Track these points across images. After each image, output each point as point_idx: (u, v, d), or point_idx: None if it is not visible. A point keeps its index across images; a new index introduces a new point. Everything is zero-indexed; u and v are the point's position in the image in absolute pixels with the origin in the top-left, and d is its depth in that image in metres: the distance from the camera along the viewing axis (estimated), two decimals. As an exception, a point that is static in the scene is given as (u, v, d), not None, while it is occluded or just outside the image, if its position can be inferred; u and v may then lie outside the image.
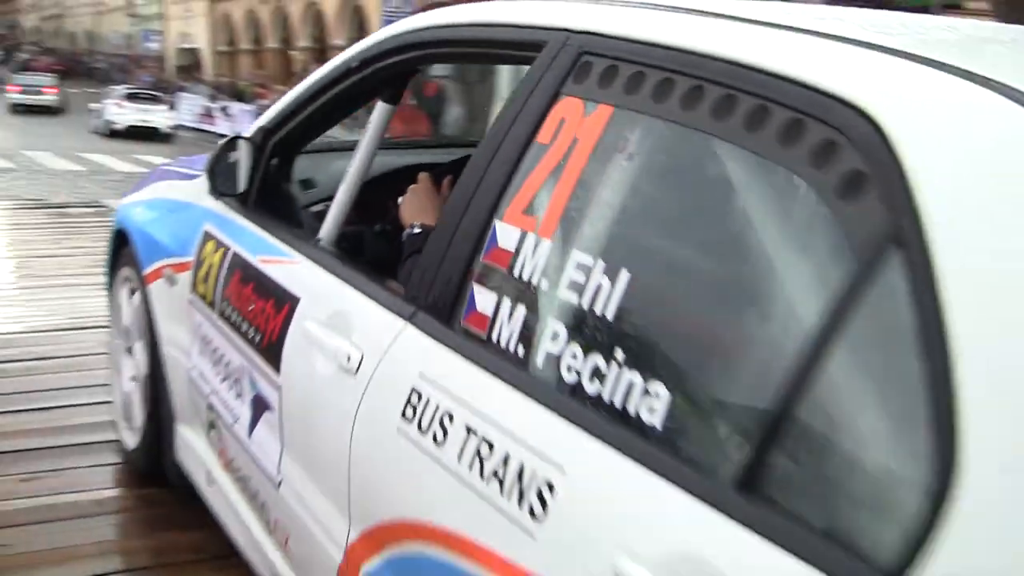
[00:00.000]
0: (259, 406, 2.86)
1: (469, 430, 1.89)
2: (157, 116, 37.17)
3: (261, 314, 2.84)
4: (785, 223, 1.56)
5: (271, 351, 2.74)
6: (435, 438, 1.96)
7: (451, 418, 1.94)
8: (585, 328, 1.77)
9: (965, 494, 1.17)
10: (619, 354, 1.68)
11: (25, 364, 5.35)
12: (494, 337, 1.96)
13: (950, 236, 1.30)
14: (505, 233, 2.02)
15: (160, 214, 3.94)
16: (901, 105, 1.46)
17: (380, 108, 3.08)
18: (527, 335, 1.89)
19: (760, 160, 1.59)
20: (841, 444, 1.37)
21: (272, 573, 2.82)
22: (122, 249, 4.19)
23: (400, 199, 3.00)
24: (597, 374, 1.71)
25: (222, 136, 3.64)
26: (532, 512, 1.69)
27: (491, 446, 1.82)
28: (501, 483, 1.77)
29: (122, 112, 36.59)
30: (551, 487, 1.67)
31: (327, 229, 3.00)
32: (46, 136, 33.20)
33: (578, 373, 1.75)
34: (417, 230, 2.49)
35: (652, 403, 1.60)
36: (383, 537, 2.15)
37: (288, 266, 2.84)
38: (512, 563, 1.72)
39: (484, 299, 2.02)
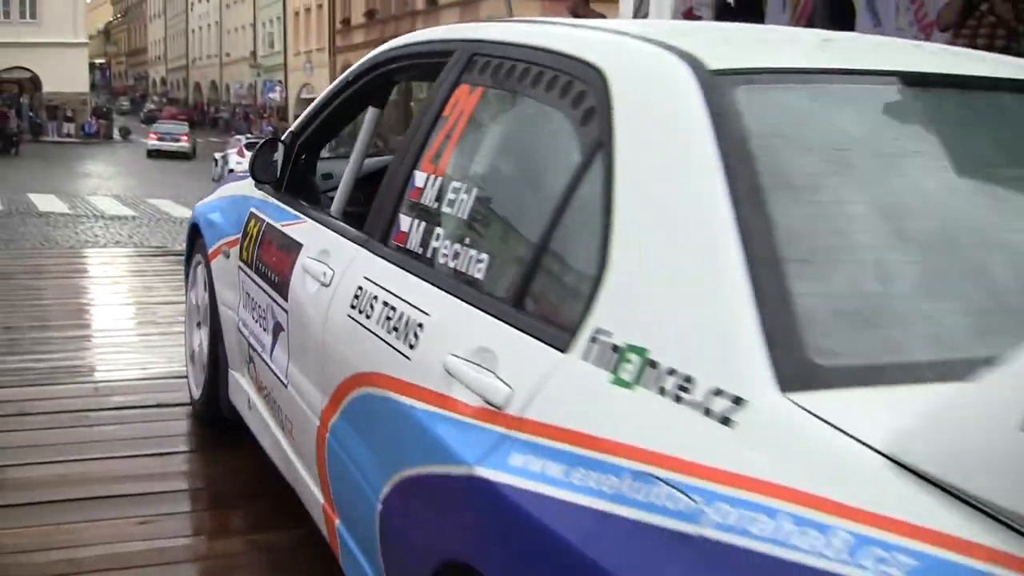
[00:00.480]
0: (276, 331, 3.84)
1: (385, 304, 2.86)
2: (276, 165, 38.00)
3: (279, 262, 3.86)
4: (560, 143, 2.53)
5: (282, 286, 3.74)
6: (367, 314, 2.94)
7: (376, 299, 2.93)
8: (451, 228, 2.79)
9: (610, 280, 2.09)
10: (466, 240, 2.70)
11: (144, 410, 5.49)
12: (406, 246, 2.99)
13: (624, 139, 2.24)
14: (419, 177, 3.05)
15: (220, 207, 5.04)
16: (616, 65, 2.43)
17: (371, 112, 4.27)
18: (423, 239, 2.91)
19: (552, 109, 2.60)
20: (562, 263, 2.37)
21: (284, 461, 3.79)
22: (196, 242, 5.29)
23: None
24: (455, 255, 2.71)
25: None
26: (411, 345, 2.65)
27: (394, 309, 2.80)
28: (397, 331, 2.74)
29: (243, 161, 37.37)
30: (421, 326, 2.64)
31: (336, 203, 4.15)
32: (169, 184, 34.06)
33: (445, 255, 2.76)
34: None
35: (479, 266, 2.59)
36: (340, 393, 3.09)
37: (300, 225, 3.87)
38: (399, 379, 2.66)
39: (405, 223, 3.05)
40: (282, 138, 4.45)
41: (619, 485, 1.81)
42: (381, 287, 2.95)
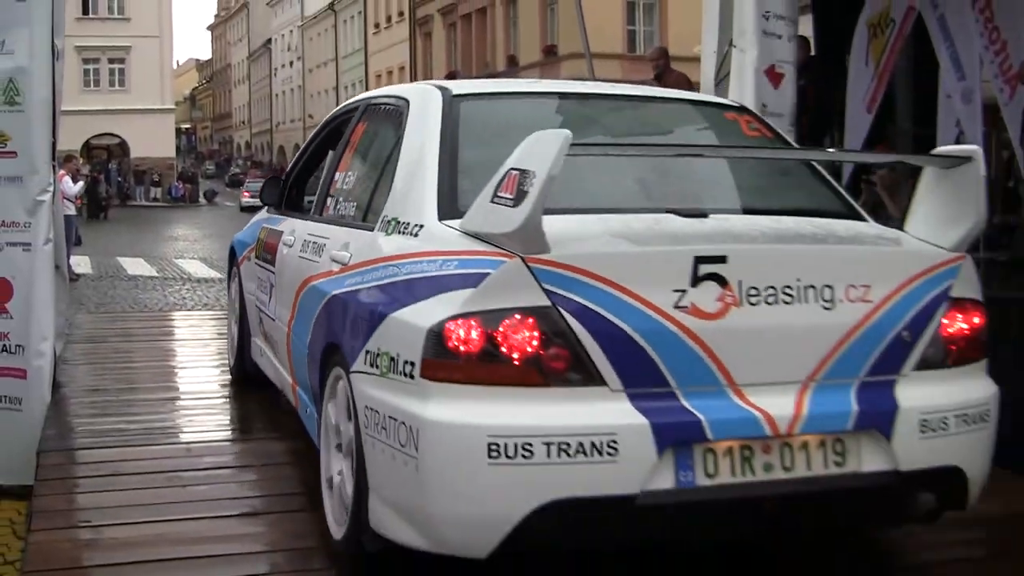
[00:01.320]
0: (271, 290, 6.19)
1: (314, 243, 5.22)
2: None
3: (271, 247, 6.28)
4: (389, 139, 4.94)
5: (272, 259, 6.17)
6: (306, 251, 5.28)
7: (311, 243, 5.28)
8: (344, 196, 5.30)
9: (392, 195, 4.52)
10: (349, 199, 5.23)
11: (234, 471, 5.61)
12: (328, 213, 5.47)
13: (408, 130, 4.69)
14: (337, 176, 5.53)
15: (247, 232, 7.46)
16: (414, 96, 4.92)
17: (330, 154, 6.24)
18: (335, 207, 5.39)
19: (389, 123, 5.06)
20: (381, 195, 4.63)
21: (276, 373, 6.19)
22: (233, 260, 7.72)
23: None
24: (345, 208, 5.24)
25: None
26: (319, 255, 5.05)
27: (316, 244, 5.16)
28: (316, 253, 5.12)
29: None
30: (324, 246, 5.02)
31: (312, 212, 6.04)
32: (255, 246, 34.31)
33: (342, 211, 5.25)
34: None
35: (352, 209, 5.09)
36: (294, 300, 5.34)
37: (285, 223, 6.29)
38: (315, 274, 4.98)
39: (331, 202, 5.46)
40: (281, 176, 7.08)
41: (379, 273, 4.18)
42: (314, 235, 5.35)
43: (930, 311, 4.03)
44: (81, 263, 21.82)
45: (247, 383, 7.29)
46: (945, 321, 4.07)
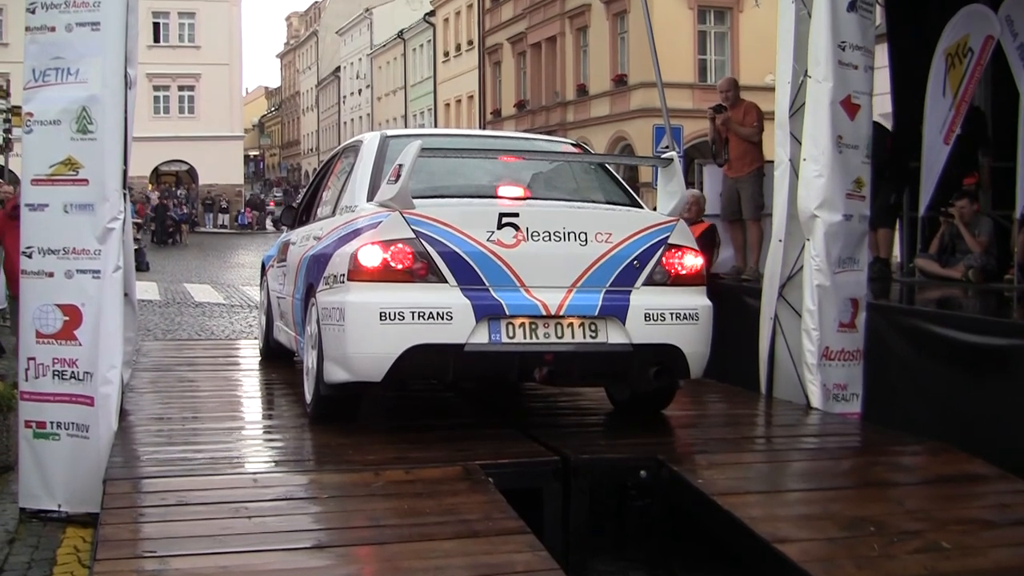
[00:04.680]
0: (284, 277, 8.82)
1: (305, 236, 8.28)
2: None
3: (284, 251, 9.13)
4: (349, 168, 7.85)
5: (285, 259, 8.88)
6: (304, 243, 8.09)
7: (303, 236, 8.35)
8: (325, 205, 8.35)
9: (343, 198, 7.78)
10: (327, 206, 8.20)
11: (299, 502, 5.53)
12: (316, 216, 8.59)
13: (359, 160, 7.66)
14: (324, 192, 8.75)
15: (272, 247, 10.35)
16: (367, 139, 7.85)
17: (321, 183, 9.18)
18: (319, 213, 8.49)
19: (353, 158, 7.86)
20: (341, 198, 7.74)
21: (287, 338, 8.69)
22: (264, 271, 10.46)
23: None
24: (325, 212, 8.15)
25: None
26: (308, 240, 8.01)
27: (307, 235, 8.22)
28: (307, 239, 8.06)
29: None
30: (320, 238, 7.51)
31: (308, 221, 8.94)
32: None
33: (323, 215, 8.15)
34: None
35: (324, 210, 8.29)
36: (297, 279, 7.95)
37: (294, 233, 9.10)
38: (309, 253, 7.62)
39: (319, 211, 8.54)
40: (294, 205, 10.07)
41: (334, 234, 7.06)
42: (307, 232, 8.18)
43: (653, 250, 6.59)
44: (149, 289, 21.99)
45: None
46: (664, 257, 6.62)
